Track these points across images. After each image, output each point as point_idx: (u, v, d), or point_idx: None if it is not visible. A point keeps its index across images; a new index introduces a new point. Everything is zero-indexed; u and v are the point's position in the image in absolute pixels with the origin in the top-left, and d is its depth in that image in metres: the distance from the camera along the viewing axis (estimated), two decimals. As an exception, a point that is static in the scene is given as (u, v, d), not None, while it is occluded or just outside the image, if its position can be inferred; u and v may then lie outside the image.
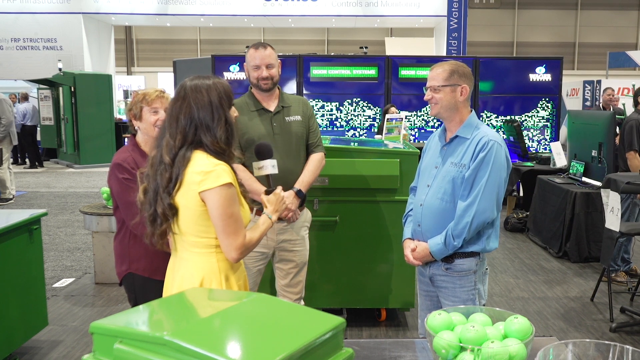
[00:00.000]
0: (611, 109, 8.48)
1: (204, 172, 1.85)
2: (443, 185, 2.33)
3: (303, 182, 2.91)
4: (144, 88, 3.84)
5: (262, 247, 2.95)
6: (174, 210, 1.90)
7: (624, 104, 9.16)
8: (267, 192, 2.13)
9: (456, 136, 2.36)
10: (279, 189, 2.18)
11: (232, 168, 1.99)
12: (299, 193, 2.88)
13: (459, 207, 2.27)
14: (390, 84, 9.00)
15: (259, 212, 2.91)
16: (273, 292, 3.14)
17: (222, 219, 1.85)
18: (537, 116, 8.91)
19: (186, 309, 1.52)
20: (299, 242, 3.03)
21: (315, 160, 3.00)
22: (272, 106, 2.95)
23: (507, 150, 2.34)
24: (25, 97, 13.34)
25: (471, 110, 2.40)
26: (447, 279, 2.37)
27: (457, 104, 2.33)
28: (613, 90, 8.98)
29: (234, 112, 2.03)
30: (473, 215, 2.23)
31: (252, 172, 2.87)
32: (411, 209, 2.54)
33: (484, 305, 2.43)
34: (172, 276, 2.01)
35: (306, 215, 3.09)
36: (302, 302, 3.17)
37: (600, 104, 8.99)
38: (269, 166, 2.14)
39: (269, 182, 2.16)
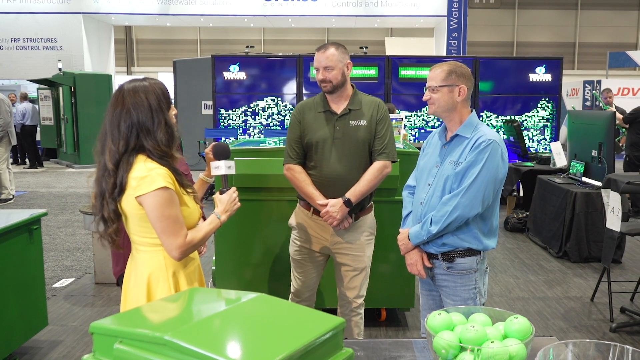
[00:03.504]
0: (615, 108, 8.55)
1: (139, 178, 1.88)
2: (442, 184, 2.35)
3: (354, 191, 2.76)
4: None
5: (315, 247, 2.92)
6: (118, 215, 1.96)
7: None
8: (221, 192, 2.14)
9: (456, 135, 2.37)
10: (233, 189, 2.15)
11: (174, 169, 1.97)
12: (347, 202, 2.74)
13: (444, 197, 2.31)
14: (390, 84, 8.99)
15: (315, 212, 2.86)
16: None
17: (159, 220, 1.89)
18: (537, 116, 8.91)
19: (186, 309, 1.52)
20: (356, 247, 2.92)
21: (375, 169, 2.80)
22: (339, 108, 2.81)
23: (504, 151, 2.34)
24: (24, 97, 13.34)
25: (471, 111, 2.41)
26: (448, 278, 2.39)
27: (455, 104, 2.34)
28: (610, 90, 9.62)
29: (172, 111, 2.05)
30: (454, 206, 2.26)
31: (308, 173, 2.81)
32: (411, 211, 2.54)
33: (483, 304, 2.44)
34: (128, 273, 2.06)
35: (370, 221, 2.97)
36: (362, 307, 3.11)
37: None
38: (224, 167, 2.14)
39: (225, 182, 2.17)
